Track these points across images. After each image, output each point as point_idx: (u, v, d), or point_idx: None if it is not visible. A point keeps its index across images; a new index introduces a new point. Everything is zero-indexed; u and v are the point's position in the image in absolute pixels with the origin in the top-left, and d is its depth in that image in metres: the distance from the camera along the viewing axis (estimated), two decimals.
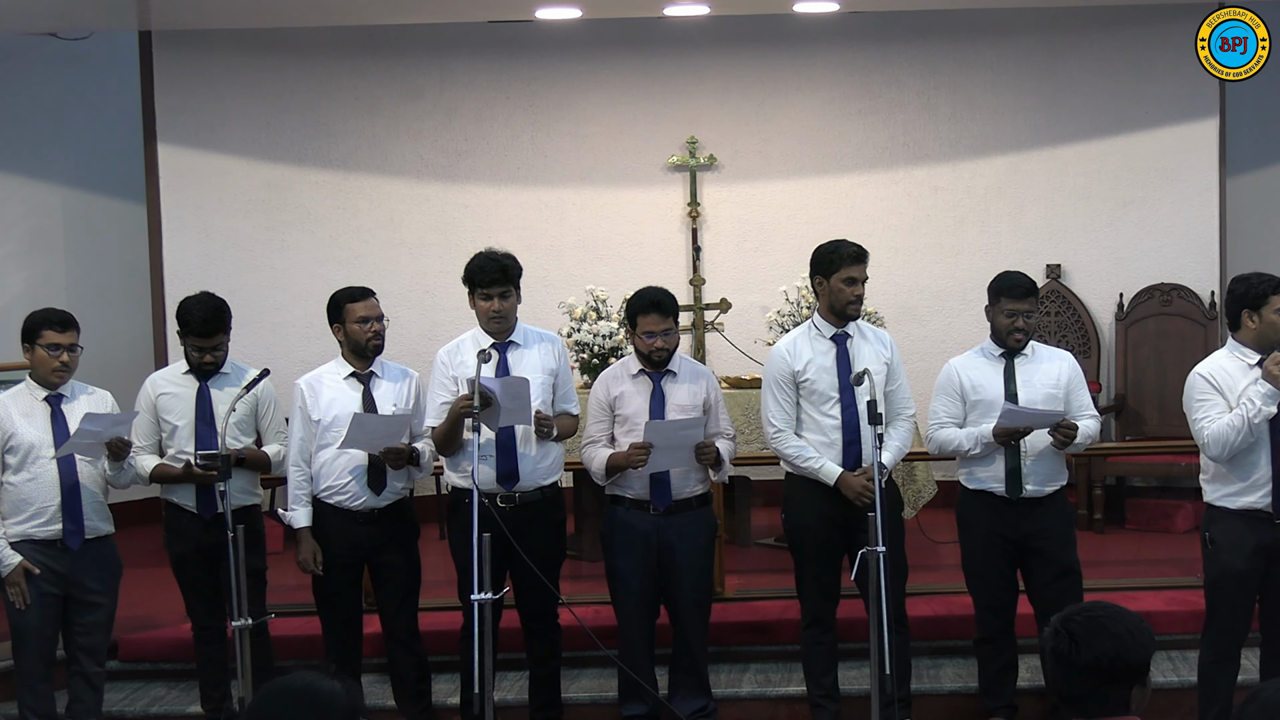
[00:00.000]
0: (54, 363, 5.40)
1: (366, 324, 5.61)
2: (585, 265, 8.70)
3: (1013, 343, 5.53)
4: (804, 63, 8.80)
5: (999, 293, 5.56)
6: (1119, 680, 2.87)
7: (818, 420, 5.47)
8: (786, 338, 5.67)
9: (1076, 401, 5.56)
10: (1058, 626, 2.91)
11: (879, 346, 5.57)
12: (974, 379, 5.56)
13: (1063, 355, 5.68)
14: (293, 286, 8.63)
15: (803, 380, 5.48)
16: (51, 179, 8.86)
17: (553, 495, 5.64)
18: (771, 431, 5.54)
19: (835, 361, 5.46)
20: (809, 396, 5.48)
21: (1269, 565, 5.22)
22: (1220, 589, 5.30)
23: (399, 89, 8.82)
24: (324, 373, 5.71)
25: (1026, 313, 5.51)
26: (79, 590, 5.45)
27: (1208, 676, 5.36)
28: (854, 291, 5.46)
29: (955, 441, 5.54)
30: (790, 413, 5.52)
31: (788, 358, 5.51)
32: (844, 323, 5.52)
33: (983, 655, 5.71)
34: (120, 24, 8.51)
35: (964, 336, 8.55)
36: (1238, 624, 5.30)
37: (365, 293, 5.68)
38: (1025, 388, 5.50)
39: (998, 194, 8.75)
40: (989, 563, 5.56)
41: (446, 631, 5.85)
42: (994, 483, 5.50)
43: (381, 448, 5.50)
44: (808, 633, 5.64)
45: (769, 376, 5.57)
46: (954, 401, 5.58)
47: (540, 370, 5.55)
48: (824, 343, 5.52)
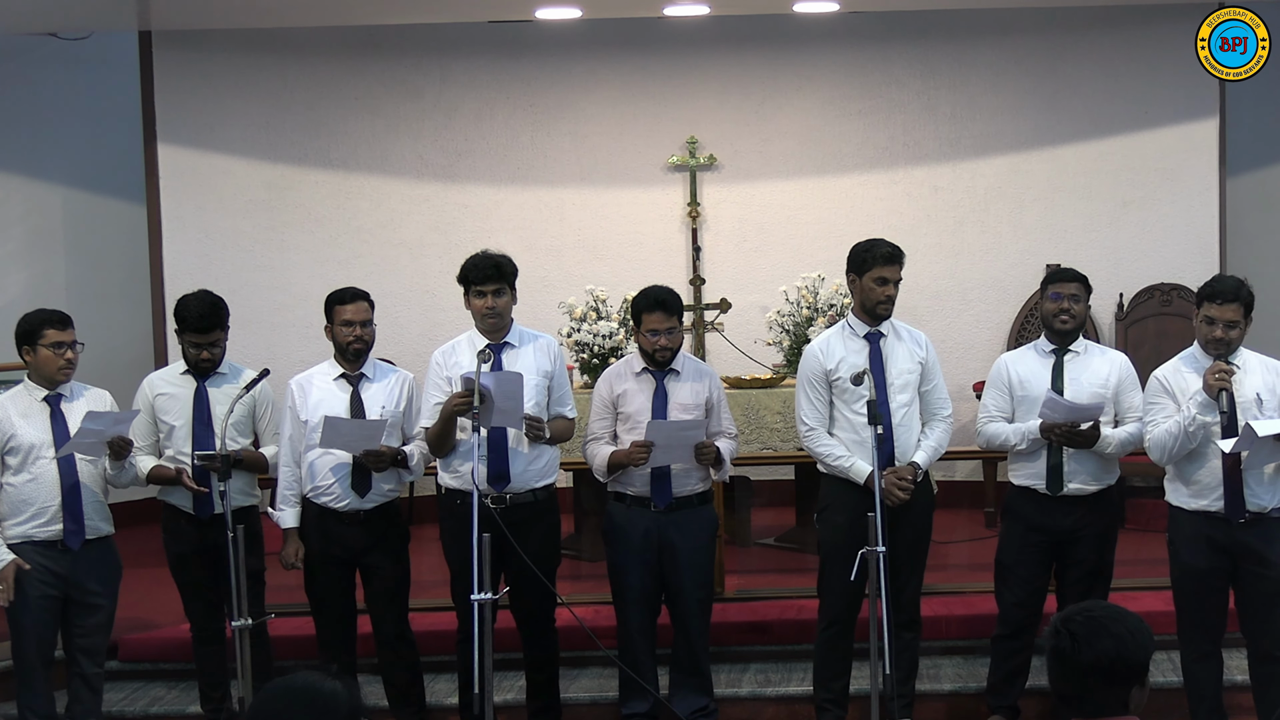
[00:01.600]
0: (60, 360, 5.39)
1: (350, 327, 5.59)
2: (585, 265, 8.71)
3: (1059, 325, 5.52)
4: (804, 63, 8.80)
5: (1047, 281, 5.64)
6: (1119, 680, 2.87)
7: (850, 419, 5.44)
8: (820, 336, 5.68)
9: (1126, 403, 5.54)
10: (1059, 626, 2.91)
11: (913, 346, 5.57)
12: (1022, 374, 5.57)
13: (1115, 356, 5.66)
14: (293, 286, 8.63)
15: (835, 379, 5.47)
16: (51, 179, 8.86)
17: (546, 499, 5.61)
18: (804, 430, 5.53)
19: (868, 360, 5.45)
20: (841, 395, 5.46)
21: (1235, 563, 5.22)
22: (1183, 589, 5.34)
23: (399, 89, 8.83)
24: (315, 373, 5.71)
25: (1073, 296, 5.52)
26: (79, 592, 5.44)
27: (1191, 674, 5.38)
28: (884, 292, 5.46)
29: (1002, 436, 5.55)
30: (823, 411, 5.51)
31: (820, 356, 5.51)
32: (877, 322, 5.52)
33: (998, 653, 5.70)
34: (120, 24, 8.51)
35: (964, 336, 8.57)
36: (1208, 619, 5.31)
37: (355, 295, 5.65)
38: (1072, 385, 5.50)
39: (998, 194, 8.76)
40: (1023, 560, 5.56)
41: (445, 632, 5.84)
42: (1036, 479, 5.50)
43: (360, 450, 5.49)
44: (825, 634, 5.61)
45: (802, 375, 5.57)
46: (1003, 396, 5.59)
47: (535, 371, 5.53)
48: (857, 341, 5.51)
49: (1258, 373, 5.25)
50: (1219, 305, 5.20)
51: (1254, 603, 5.26)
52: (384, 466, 5.53)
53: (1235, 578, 5.27)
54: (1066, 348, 5.57)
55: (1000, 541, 5.68)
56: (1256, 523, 5.17)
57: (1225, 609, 5.34)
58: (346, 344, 5.61)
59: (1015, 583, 5.60)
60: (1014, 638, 5.63)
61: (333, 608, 5.69)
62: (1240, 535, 5.18)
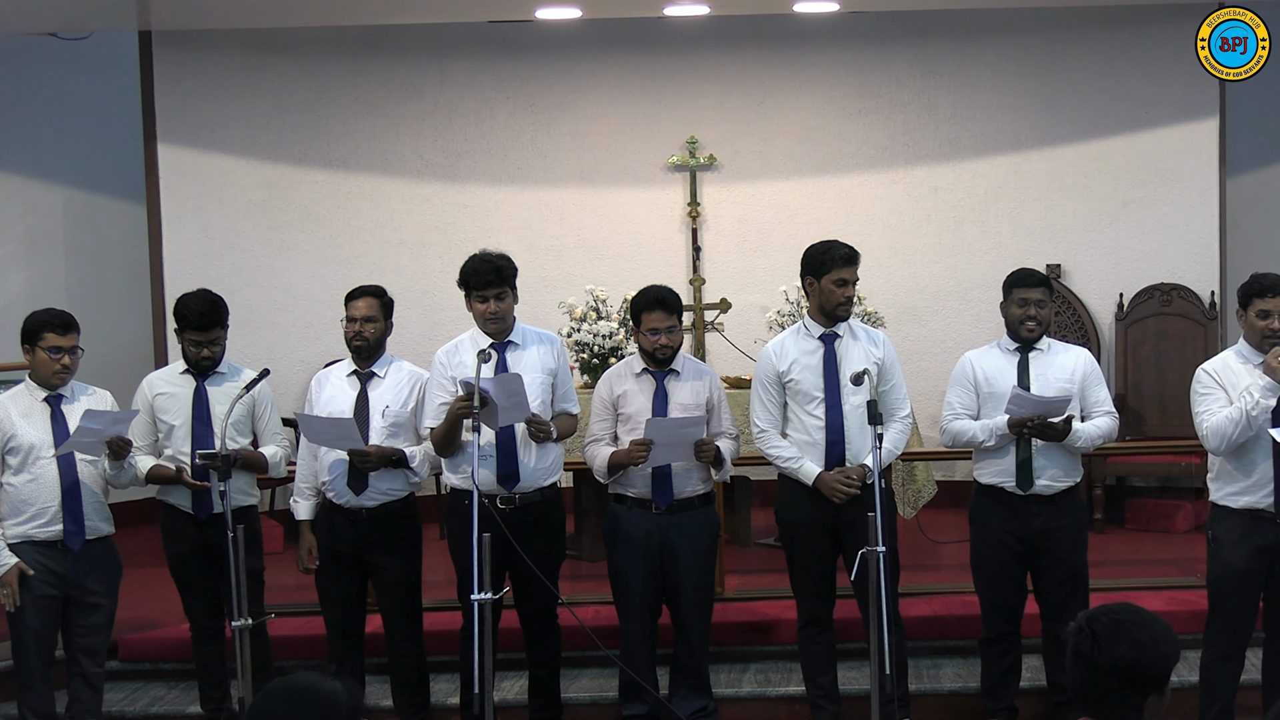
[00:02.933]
0: (55, 365, 5.39)
1: (353, 323, 5.62)
2: (585, 265, 8.71)
3: (1026, 333, 5.51)
4: (804, 63, 8.80)
5: (1012, 284, 5.58)
6: (1135, 687, 2.84)
7: (803, 420, 5.46)
8: (776, 339, 5.68)
9: (1092, 398, 5.54)
10: (1082, 624, 2.88)
11: (870, 346, 5.54)
12: (987, 371, 5.56)
13: (1079, 351, 5.65)
14: (293, 286, 8.63)
15: (788, 380, 5.48)
16: (51, 179, 8.86)
17: (552, 496, 5.63)
18: (756, 432, 5.56)
19: (822, 362, 5.46)
20: (794, 397, 5.48)
21: (1272, 565, 5.22)
22: (1220, 587, 5.30)
23: (399, 89, 8.83)
24: (334, 369, 5.77)
25: (1039, 302, 5.51)
26: (79, 591, 5.44)
27: (1208, 675, 5.36)
28: (844, 293, 5.45)
29: (969, 433, 5.53)
30: (775, 413, 5.52)
31: (774, 358, 5.52)
32: (833, 323, 5.50)
33: (987, 656, 5.70)
34: (120, 24, 8.50)
35: (964, 336, 8.56)
36: (1240, 623, 5.30)
37: (362, 292, 5.68)
38: (1039, 381, 5.49)
39: (998, 194, 8.75)
40: (997, 562, 5.54)
41: (447, 631, 5.84)
42: (1005, 477, 5.48)
43: (343, 448, 5.49)
44: (804, 632, 5.64)
45: (757, 377, 5.59)
46: (968, 393, 5.57)
47: (539, 370, 5.54)
48: (811, 342, 5.51)
49: None
50: (1272, 298, 5.20)
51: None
52: (370, 466, 5.51)
53: (1271, 579, 5.25)
54: (1032, 345, 5.56)
55: (972, 546, 5.65)
56: None
57: (1255, 613, 5.33)
58: (348, 339, 5.65)
59: (992, 586, 5.59)
60: (1000, 640, 5.63)
61: (337, 602, 5.70)
62: None
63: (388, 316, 5.70)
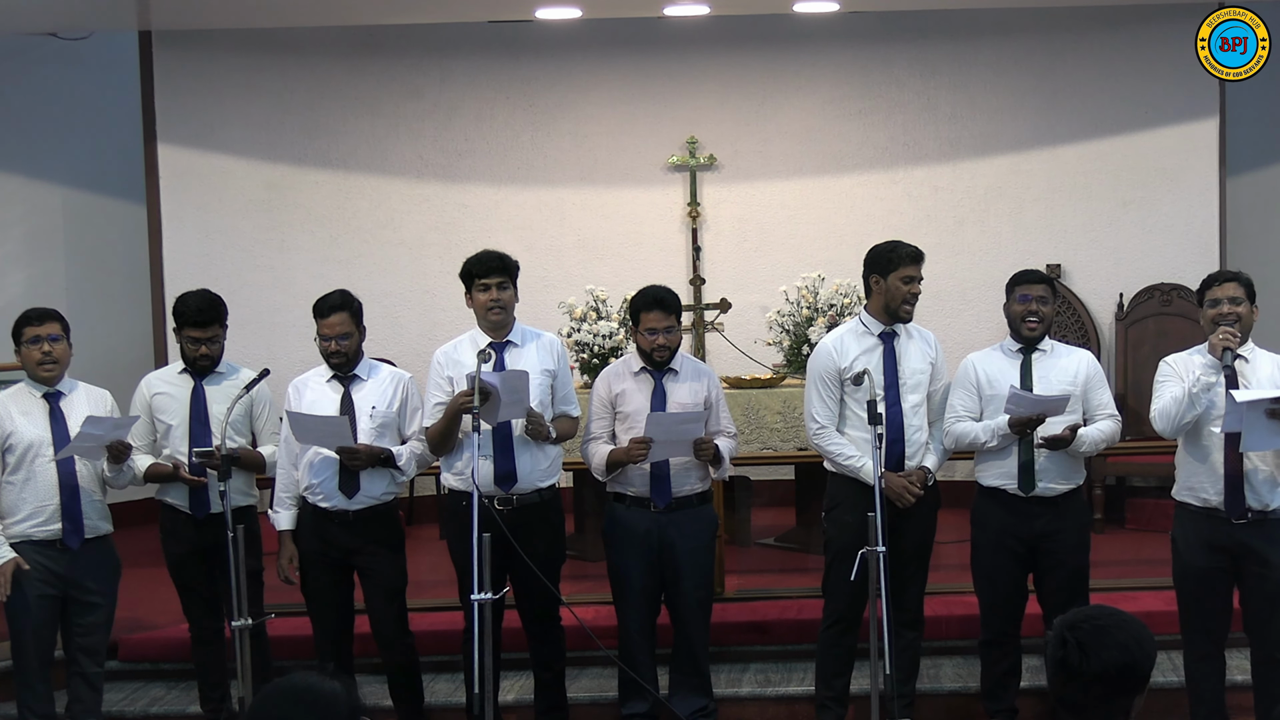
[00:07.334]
0: (36, 354, 5.40)
1: (328, 342, 5.56)
2: (585, 265, 8.71)
3: (1027, 330, 5.51)
4: (804, 63, 8.80)
5: (1014, 283, 5.59)
6: (1124, 690, 2.83)
7: (862, 418, 5.37)
8: (833, 334, 5.62)
9: (1095, 400, 5.54)
10: (1064, 635, 2.85)
11: (924, 345, 5.56)
12: (990, 373, 5.55)
13: (1081, 354, 5.64)
14: (293, 286, 8.62)
15: (847, 377, 5.45)
16: (51, 179, 8.86)
17: (550, 498, 5.62)
18: (814, 428, 5.51)
19: (882, 359, 5.45)
20: (854, 394, 5.44)
21: (1236, 564, 5.21)
22: (1183, 587, 5.33)
23: (399, 89, 8.83)
24: (311, 375, 5.69)
25: (1041, 298, 5.51)
26: (78, 591, 5.44)
27: (1192, 675, 5.38)
28: (911, 290, 5.44)
29: (971, 435, 5.52)
30: (834, 409, 5.48)
31: (834, 354, 5.48)
32: (893, 321, 5.49)
33: (987, 658, 5.69)
34: (120, 24, 8.51)
35: (964, 337, 8.56)
36: (1209, 621, 5.30)
37: (331, 308, 5.54)
38: (1041, 383, 5.49)
39: (998, 194, 8.76)
40: (998, 565, 5.53)
41: (447, 631, 5.84)
42: (1007, 479, 5.48)
43: (333, 446, 5.47)
44: (828, 632, 5.60)
45: (813, 372, 5.53)
46: (970, 395, 5.56)
47: (538, 370, 5.53)
48: (870, 340, 5.49)
49: (1266, 367, 5.23)
50: (1218, 285, 5.24)
51: (1255, 604, 5.25)
52: (359, 464, 5.48)
53: (1240, 578, 5.25)
54: (1034, 346, 5.56)
55: (973, 548, 5.65)
56: (1259, 523, 5.15)
57: (1228, 611, 5.32)
58: (325, 355, 5.60)
59: (992, 588, 5.59)
60: (999, 643, 5.63)
61: (326, 607, 5.67)
62: (1241, 535, 5.16)
63: (359, 324, 5.63)
